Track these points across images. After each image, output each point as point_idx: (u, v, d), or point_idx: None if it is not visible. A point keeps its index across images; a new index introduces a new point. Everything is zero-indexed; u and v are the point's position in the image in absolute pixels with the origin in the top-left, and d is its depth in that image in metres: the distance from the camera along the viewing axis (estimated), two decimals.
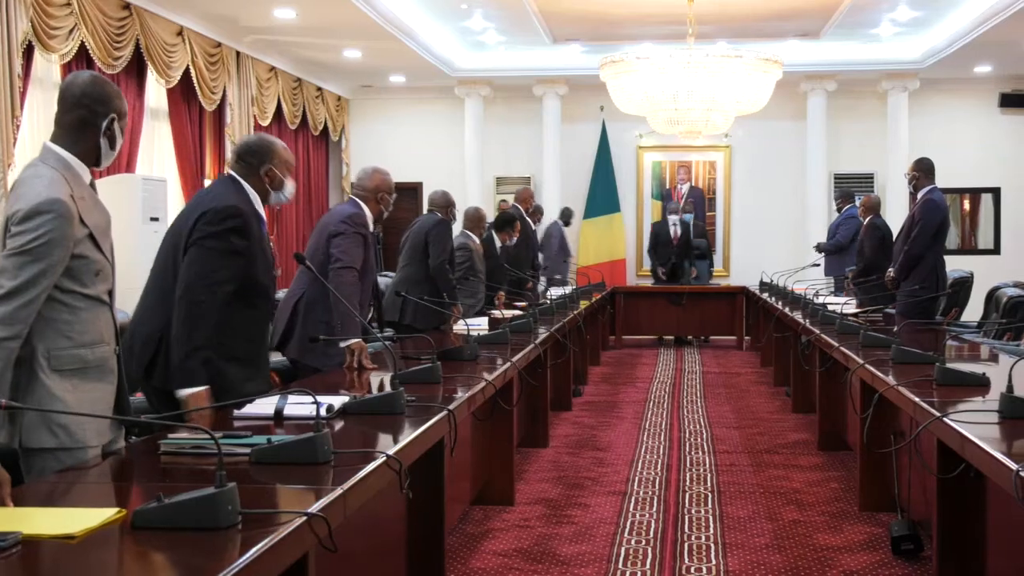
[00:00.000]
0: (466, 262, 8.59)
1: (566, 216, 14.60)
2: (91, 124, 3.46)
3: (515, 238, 10.00)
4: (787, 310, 9.40)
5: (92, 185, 3.53)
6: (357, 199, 5.78)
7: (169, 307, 4.14)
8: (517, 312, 8.43)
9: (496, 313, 8.53)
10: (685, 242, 14.26)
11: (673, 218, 14.26)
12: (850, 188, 14.02)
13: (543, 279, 12.17)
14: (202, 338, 4.03)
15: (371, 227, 5.72)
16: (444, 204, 7.95)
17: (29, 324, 3.20)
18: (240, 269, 4.19)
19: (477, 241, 8.92)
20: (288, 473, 2.92)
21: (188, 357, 3.98)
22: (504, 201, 11.46)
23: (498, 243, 9.82)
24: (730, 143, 15.74)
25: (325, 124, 15.02)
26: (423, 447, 3.66)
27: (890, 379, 4.69)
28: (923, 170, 8.20)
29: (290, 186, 4.51)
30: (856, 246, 10.87)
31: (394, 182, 5.90)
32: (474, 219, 9.00)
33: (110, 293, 3.47)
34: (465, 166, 15.48)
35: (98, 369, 3.37)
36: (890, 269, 8.27)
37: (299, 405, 3.69)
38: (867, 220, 10.50)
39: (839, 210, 12.79)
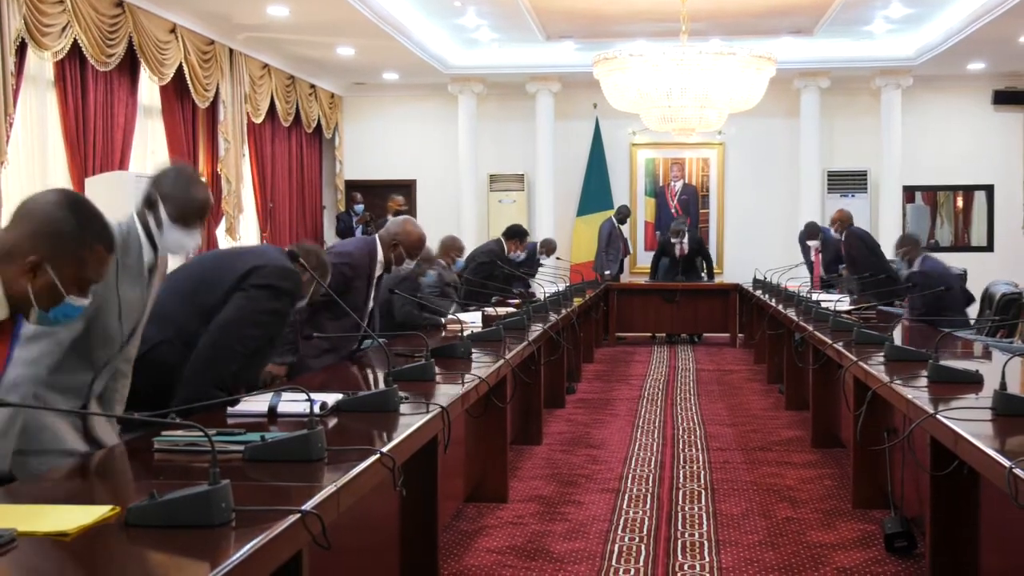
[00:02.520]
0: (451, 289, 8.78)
1: (621, 214, 14.71)
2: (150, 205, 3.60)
3: (521, 253, 10.59)
4: (780, 307, 9.42)
5: (152, 268, 3.61)
6: (378, 239, 5.79)
7: (186, 318, 4.23)
8: (511, 309, 8.45)
9: (490, 310, 8.56)
10: (692, 255, 14.22)
11: (676, 240, 14.21)
12: (843, 182, 14.13)
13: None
14: (219, 382, 4.10)
15: (376, 269, 5.70)
16: (428, 259, 7.71)
17: (49, 365, 3.25)
18: (277, 332, 4.41)
19: (445, 266, 9.03)
20: (282, 470, 2.92)
21: (200, 395, 4.00)
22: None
23: (508, 252, 10.38)
24: (723, 140, 15.73)
25: (318, 121, 15.00)
26: (417, 444, 3.66)
27: (883, 376, 4.70)
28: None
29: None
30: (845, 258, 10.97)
31: (420, 233, 5.88)
32: (449, 247, 9.16)
33: (107, 363, 3.49)
34: (458, 163, 15.47)
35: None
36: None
37: (293, 402, 3.69)
38: (844, 233, 10.51)
39: (811, 241, 12.67)
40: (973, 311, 9.64)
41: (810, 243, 12.67)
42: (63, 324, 2.87)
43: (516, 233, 10.49)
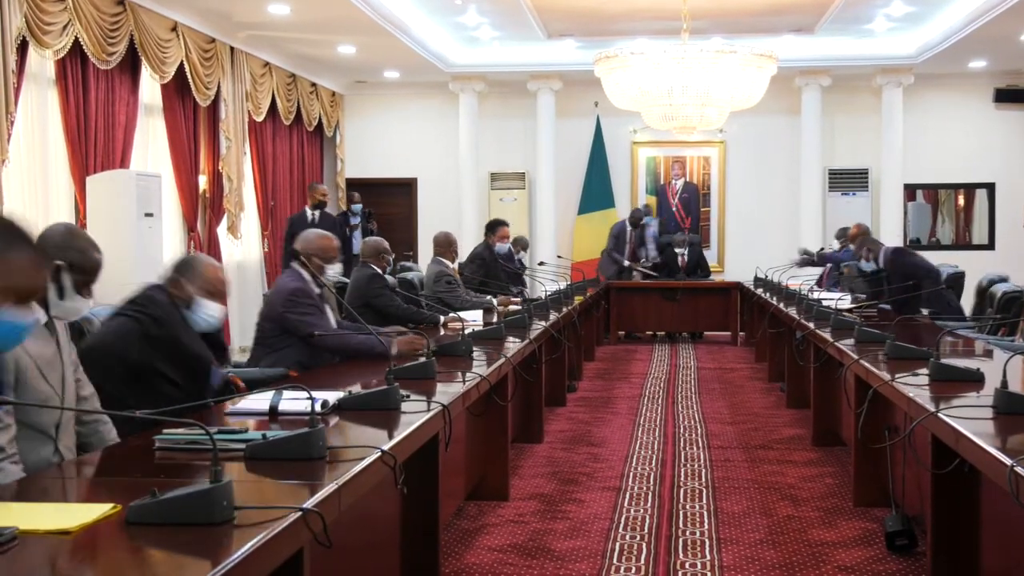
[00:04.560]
0: (455, 285, 8.84)
1: (635, 217, 14.70)
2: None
3: (506, 244, 10.74)
4: (782, 305, 9.41)
5: (50, 324, 3.47)
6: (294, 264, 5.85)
7: None
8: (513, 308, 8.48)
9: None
10: (695, 265, 14.23)
11: (681, 250, 14.22)
12: (844, 181, 14.19)
13: None
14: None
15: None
16: (373, 253, 7.44)
17: (10, 439, 3.13)
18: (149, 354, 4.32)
19: (451, 265, 9.09)
20: (283, 469, 2.92)
21: None
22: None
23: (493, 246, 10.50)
24: (724, 138, 15.73)
25: (319, 120, 15.00)
26: (418, 442, 3.66)
27: (884, 374, 4.70)
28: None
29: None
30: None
31: (325, 240, 5.94)
32: (444, 244, 9.14)
33: (57, 427, 3.41)
34: (459, 161, 15.49)
35: None
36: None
37: (294, 401, 3.69)
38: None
39: (842, 247, 12.35)
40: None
41: (833, 244, 12.59)
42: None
43: (494, 225, 10.71)
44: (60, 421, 3.43)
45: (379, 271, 7.25)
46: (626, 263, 14.32)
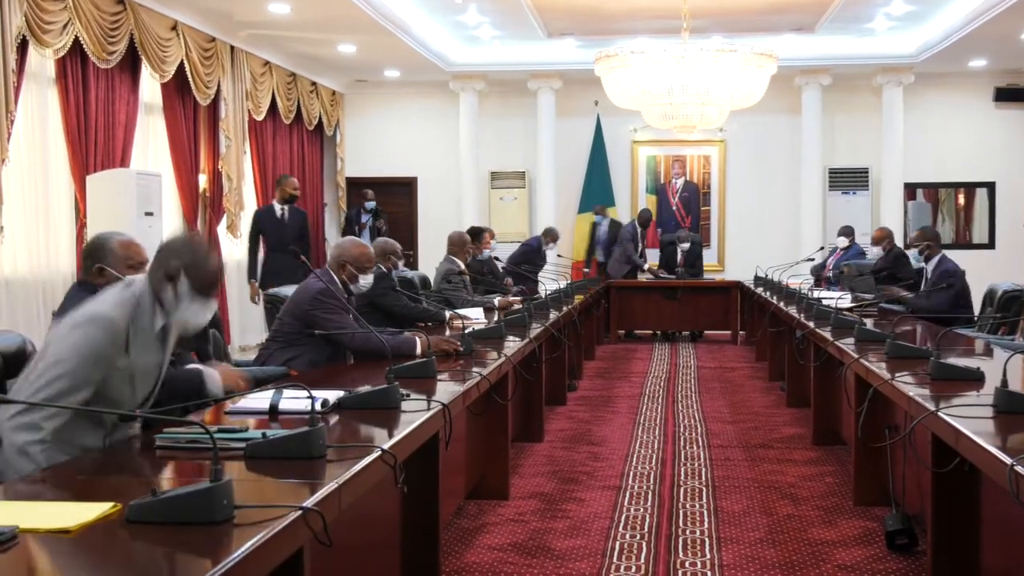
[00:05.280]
0: (458, 284, 8.84)
1: (643, 219, 14.66)
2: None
3: (484, 251, 10.77)
4: (782, 305, 9.41)
5: (164, 330, 3.57)
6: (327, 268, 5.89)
7: None
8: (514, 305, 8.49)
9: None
10: (693, 261, 14.26)
11: (684, 246, 14.26)
12: (845, 180, 14.16)
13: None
14: None
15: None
16: (379, 253, 7.28)
17: (55, 428, 3.26)
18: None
19: (462, 265, 9.10)
20: (283, 467, 2.92)
21: None
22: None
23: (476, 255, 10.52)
24: (725, 137, 15.73)
25: (320, 119, 15.00)
26: (418, 441, 3.66)
27: (885, 373, 4.70)
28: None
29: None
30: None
31: (362, 248, 5.99)
32: (457, 243, 9.17)
33: (115, 427, 3.50)
34: (460, 160, 15.49)
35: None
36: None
37: (294, 399, 3.69)
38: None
39: (847, 246, 12.34)
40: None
41: (840, 240, 12.52)
42: None
43: (477, 232, 10.76)
44: (116, 427, 3.49)
45: (385, 271, 7.25)
46: (646, 267, 14.32)
